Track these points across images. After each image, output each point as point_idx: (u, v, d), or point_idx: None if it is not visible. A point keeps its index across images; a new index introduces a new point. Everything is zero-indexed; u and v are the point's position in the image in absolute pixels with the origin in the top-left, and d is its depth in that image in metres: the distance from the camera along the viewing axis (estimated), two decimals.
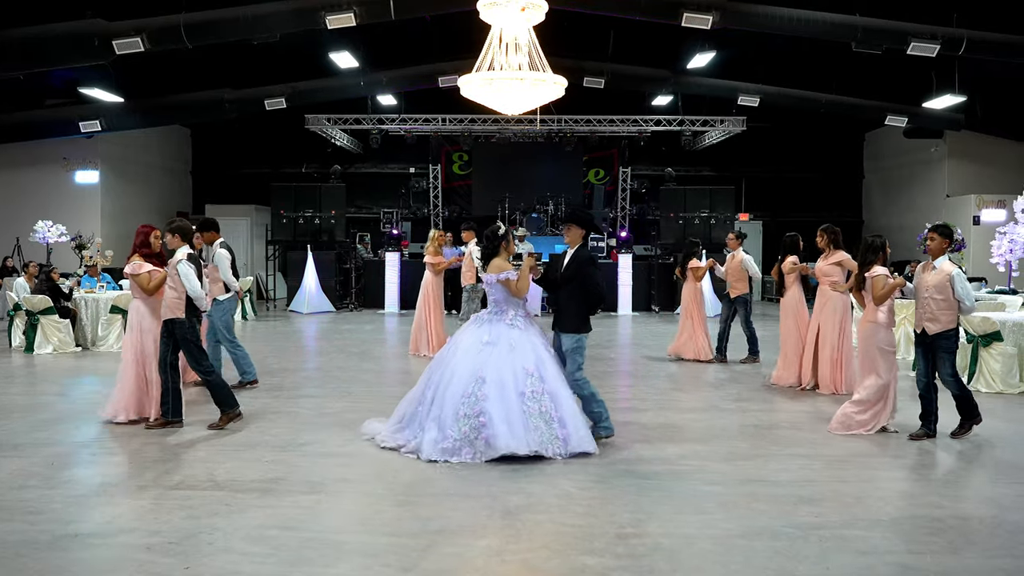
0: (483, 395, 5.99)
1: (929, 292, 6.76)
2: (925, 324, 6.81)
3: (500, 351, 6.18)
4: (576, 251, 6.62)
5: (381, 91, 18.82)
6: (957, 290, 6.65)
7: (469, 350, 6.27)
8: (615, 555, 4.31)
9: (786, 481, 5.64)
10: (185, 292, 6.95)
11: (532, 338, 6.33)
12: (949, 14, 13.02)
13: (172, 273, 7.01)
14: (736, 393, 8.97)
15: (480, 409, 5.96)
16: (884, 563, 4.23)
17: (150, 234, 7.36)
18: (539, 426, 6.00)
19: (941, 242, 6.88)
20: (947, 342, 6.75)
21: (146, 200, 21.54)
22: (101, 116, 16.80)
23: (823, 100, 17.93)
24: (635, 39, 16.71)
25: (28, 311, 11.65)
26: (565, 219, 6.96)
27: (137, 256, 7.27)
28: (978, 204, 19.16)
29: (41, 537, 4.48)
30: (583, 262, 6.57)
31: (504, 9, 9.45)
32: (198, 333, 7.20)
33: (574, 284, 6.54)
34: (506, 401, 5.99)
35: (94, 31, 12.36)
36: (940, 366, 6.81)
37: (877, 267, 6.96)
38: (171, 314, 6.98)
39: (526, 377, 6.09)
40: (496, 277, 6.41)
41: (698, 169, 23.38)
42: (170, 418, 7.03)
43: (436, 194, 22.79)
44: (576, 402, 6.40)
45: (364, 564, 4.19)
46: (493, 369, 6.08)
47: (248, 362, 9.00)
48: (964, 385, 6.93)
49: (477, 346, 6.25)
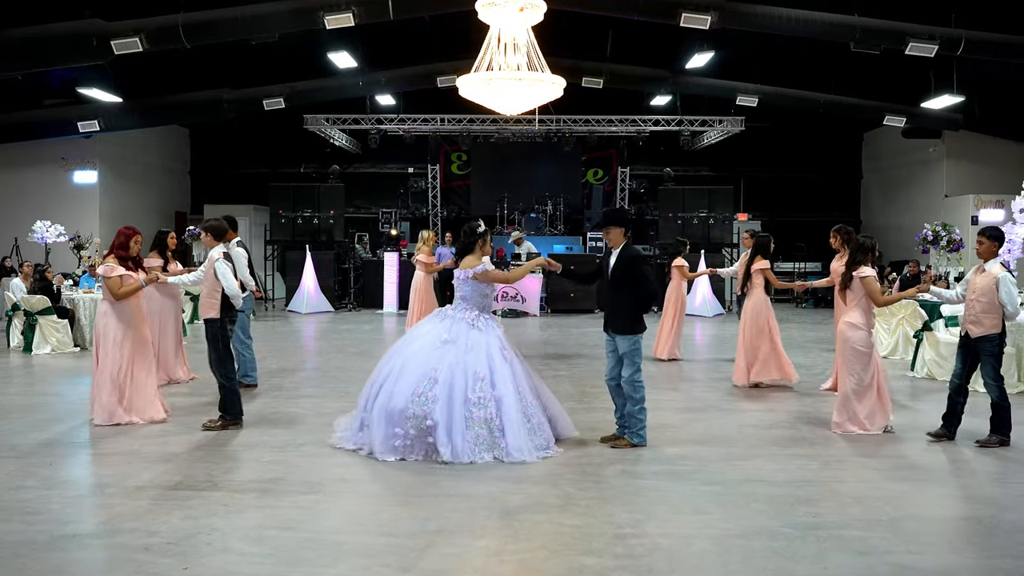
0: (433, 396, 5.99)
1: (976, 294, 6.68)
2: (969, 327, 6.73)
3: (456, 351, 6.16)
4: (621, 251, 6.49)
5: (380, 91, 18.82)
6: (1001, 294, 6.54)
7: (425, 345, 6.25)
8: (614, 555, 4.31)
9: (784, 481, 5.64)
10: (221, 290, 6.90)
11: (490, 340, 6.28)
12: (947, 14, 13.02)
13: (209, 272, 6.98)
14: (734, 393, 8.97)
15: (427, 411, 5.96)
16: (883, 563, 4.23)
17: (131, 237, 7.30)
18: (481, 434, 5.99)
19: (990, 245, 6.74)
20: (990, 345, 6.63)
21: (144, 200, 21.51)
22: (99, 116, 16.79)
23: (822, 100, 17.93)
24: (633, 39, 16.71)
25: (26, 311, 11.64)
26: (604, 223, 6.85)
27: (112, 258, 7.20)
28: (976, 204, 19.17)
29: (39, 537, 4.48)
30: (631, 261, 6.46)
31: (503, 9, 9.45)
32: (228, 335, 7.13)
33: (624, 284, 6.44)
34: (452, 406, 6.00)
35: (92, 31, 12.34)
36: (983, 370, 6.73)
37: (865, 267, 6.95)
38: (208, 313, 6.96)
39: (476, 381, 6.07)
40: (469, 272, 6.38)
41: (697, 169, 23.38)
42: (228, 419, 7.01)
43: (435, 194, 22.79)
44: (536, 406, 6.33)
45: (362, 564, 4.19)
46: (446, 370, 6.07)
47: (254, 366, 9.04)
48: (1005, 394, 6.71)
49: (435, 342, 6.23)
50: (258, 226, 21.86)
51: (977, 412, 7.70)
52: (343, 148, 22.10)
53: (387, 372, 6.27)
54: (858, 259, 7.00)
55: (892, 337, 11.60)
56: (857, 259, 7.00)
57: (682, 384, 9.67)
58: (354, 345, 12.84)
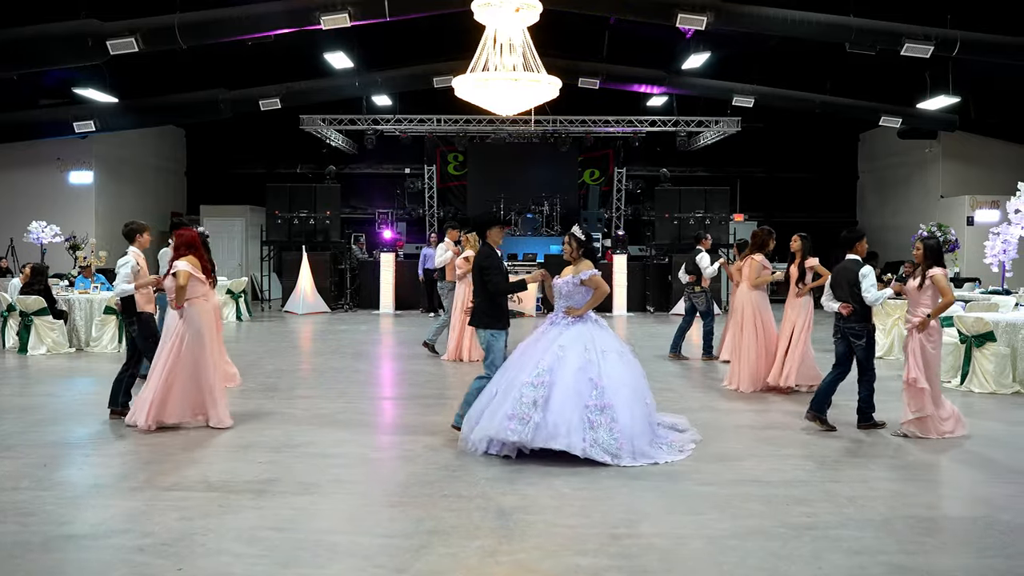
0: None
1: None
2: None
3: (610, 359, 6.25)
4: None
5: (376, 92, 18.82)
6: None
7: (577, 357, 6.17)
8: (608, 555, 4.31)
9: (779, 481, 5.65)
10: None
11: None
12: (943, 15, 13.05)
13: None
14: (729, 394, 8.97)
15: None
16: (876, 563, 4.24)
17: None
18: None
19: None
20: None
21: (140, 200, 21.47)
22: (95, 116, 16.75)
23: (817, 101, 17.95)
24: (630, 40, 16.73)
25: (22, 312, 11.62)
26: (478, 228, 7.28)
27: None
28: (972, 205, 19.21)
29: (34, 538, 4.48)
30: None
31: (498, 10, 9.44)
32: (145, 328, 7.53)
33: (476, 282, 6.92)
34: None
35: (88, 31, 12.32)
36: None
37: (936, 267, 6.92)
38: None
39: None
40: (580, 277, 6.39)
41: (693, 169, 23.39)
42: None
43: (431, 195, 22.79)
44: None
45: (357, 565, 4.19)
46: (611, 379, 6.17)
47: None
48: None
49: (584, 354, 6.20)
50: (254, 227, 21.85)
51: (972, 412, 7.73)
52: (339, 148, 22.09)
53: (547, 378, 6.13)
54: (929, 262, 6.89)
55: (887, 337, 11.64)
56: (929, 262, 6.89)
57: (675, 383, 9.67)
58: (350, 346, 12.83)
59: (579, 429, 5.90)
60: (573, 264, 6.54)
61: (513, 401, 5.99)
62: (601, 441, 5.91)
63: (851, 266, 7.20)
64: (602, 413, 5.98)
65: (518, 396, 5.98)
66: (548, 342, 6.26)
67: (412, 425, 7.28)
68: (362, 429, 7.19)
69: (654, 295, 19.11)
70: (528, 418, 5.89)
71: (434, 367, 10.62)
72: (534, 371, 6.05)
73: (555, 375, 6.02)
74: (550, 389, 5.97)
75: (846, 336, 7.18)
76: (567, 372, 6.04)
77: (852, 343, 7.14)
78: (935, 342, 6.86)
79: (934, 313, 6.76)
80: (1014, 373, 9.09)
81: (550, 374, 6.02)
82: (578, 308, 6.39)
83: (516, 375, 6.16)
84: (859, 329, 7.09)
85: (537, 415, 5.89)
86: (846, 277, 7.20)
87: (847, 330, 7.15)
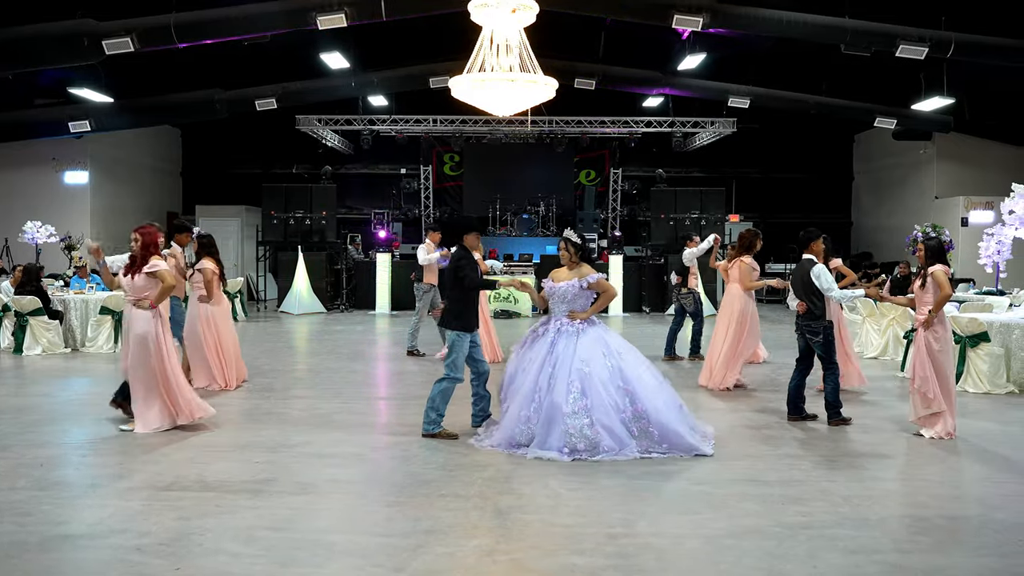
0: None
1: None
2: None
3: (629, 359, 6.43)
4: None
5: (372, 92, 18.82)
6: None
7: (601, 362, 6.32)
8: (605, 555, 4.33)
9: (775, 481, 5.66)
10: None
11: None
12: (937, 17, 13.10)
13: None
14: (725, 393, 8.99)
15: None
16: (872, 562, 4.26)
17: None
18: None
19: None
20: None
21: (136, 200, 21.44)
22: (91, 116, 16.72)
23: (813, 102, 18.00)
24: (626, 40, 16.74)
25: (17, 312, 11.59)
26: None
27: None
28: (966, 206, 19.28)
29: (31, 538, 4.47)
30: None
31: (495, 10, 9.45)
32: None
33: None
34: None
35: (84, 31, 12.30)
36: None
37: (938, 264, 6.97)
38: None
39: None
40: (587, 280, 6.46)
41: (688, 170, 23.43)
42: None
43: (427, 195, 22.79)
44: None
45: (355, 564, 4.20)
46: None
47: None
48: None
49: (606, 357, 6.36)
50: (250, 227, 21.83)
51: (967, 412, 7.76)
52: (335, 149, 22.08)
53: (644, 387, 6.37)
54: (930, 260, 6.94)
55: (882, 338, 11.66)
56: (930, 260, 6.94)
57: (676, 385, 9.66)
58: (346, 346, 12.83)
59: (626, 439, 6.16)
60: (569, 268, 6.56)
61: (560, 435, 6.11)
62: (650, 448, 6.23)
63: (806, 265, 7.38)
64: (637, 422, 6.23)
65: (564, 429, 6.10)
66: (566, 355, 6.31)
67: (409, 425, 7.27)
68: (359, 429, 7.19)
69: (650, 295, 19.13)
70: (582, 449, 6.08)
71: (429, 367, 10.62)
72: (568, 395, 6.15)
73: (590, 398, 6.15)
74: (591, 414, 6.12)
75: (804, 333, 7.41)
76: (597, 386, 6.19)
77: (809, 340, 7.37)
78: (940, 339, 6.88)
79: (935, 308, 6.81)
80: (1008, 373, 9.12)
81: (584, 397, 6.15)
82: (582, 312, 6.43)
83: (548, 396, 6.23)
84: (815, 326, 7.29)
85: (588, 442, 6.08)
86: (800, 276, 7.38)
87: (804, 327, 7.38)
